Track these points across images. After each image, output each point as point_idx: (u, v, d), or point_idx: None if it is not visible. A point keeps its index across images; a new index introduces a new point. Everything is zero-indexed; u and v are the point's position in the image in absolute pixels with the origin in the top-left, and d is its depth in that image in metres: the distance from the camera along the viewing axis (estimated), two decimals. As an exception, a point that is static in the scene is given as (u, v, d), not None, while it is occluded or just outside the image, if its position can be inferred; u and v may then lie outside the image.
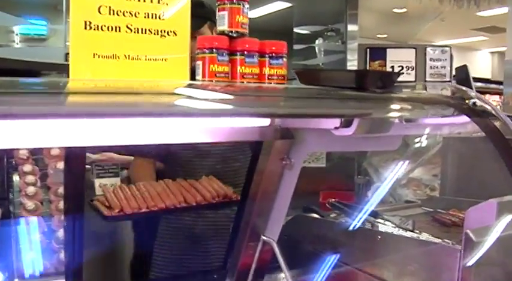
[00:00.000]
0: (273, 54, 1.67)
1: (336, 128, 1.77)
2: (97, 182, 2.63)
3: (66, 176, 2.11)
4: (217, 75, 1.56)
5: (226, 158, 2.92)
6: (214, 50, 1.55)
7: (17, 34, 6.86)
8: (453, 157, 3.01)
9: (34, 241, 2.57)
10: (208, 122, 1.78)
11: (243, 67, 1.61)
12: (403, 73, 2.09)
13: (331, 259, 2.40)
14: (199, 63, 1.57)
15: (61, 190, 2.83)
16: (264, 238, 2.49)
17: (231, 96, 1.56)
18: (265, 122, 1.88)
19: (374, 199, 2.83)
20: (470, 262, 1.63)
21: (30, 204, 2.67)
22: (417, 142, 3.99)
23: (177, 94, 1.50)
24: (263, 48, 1.67)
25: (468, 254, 1.62)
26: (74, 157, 1.96)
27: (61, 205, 2.70)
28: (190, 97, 1.47)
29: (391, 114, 1.75)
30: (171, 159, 2.94)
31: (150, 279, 2.95)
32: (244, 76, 1.62)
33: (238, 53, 1.61)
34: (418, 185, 4.05)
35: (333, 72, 2.15)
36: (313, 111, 1.73)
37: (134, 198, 2.49)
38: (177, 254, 2.94)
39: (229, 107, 1.56)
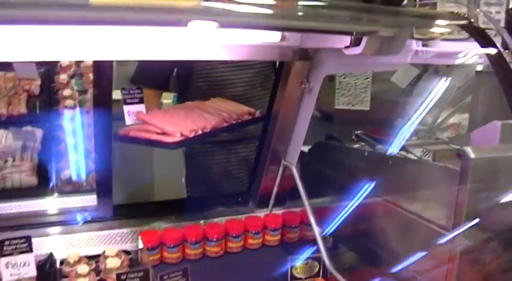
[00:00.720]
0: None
1: (347, 47, 1.81)
2: (125, 109, 2.28)
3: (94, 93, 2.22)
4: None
5: (253, 86, 3.00)
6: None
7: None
8: (483, 93, 2.95)
9: (72, 161, 2.77)
10: (227, 36, 1.86)
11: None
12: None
13: (350, 186, 2.46)
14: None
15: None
16: (284, 162, 2.58)
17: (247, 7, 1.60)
18: (277, 37, 1.93)
19: (402, 135, 2.84)
20: (467, 180, 1.63)
21: (69, 127, 2.86)
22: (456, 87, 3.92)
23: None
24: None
25: (465, 172, 1.62)
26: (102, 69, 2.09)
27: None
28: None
29: (398, 30, 1.75)
30: (193, 91, 3.03)
31: (181, 198, 3.12)
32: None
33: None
34: (457, 128, 4.00)
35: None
36: (324, 25, 1.76)
37: (185, 121, 2.34)
38: (208, 179, 3.09)
39: (247, 19, 1.61)
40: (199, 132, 2.28)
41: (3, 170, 2.65)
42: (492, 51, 1.85)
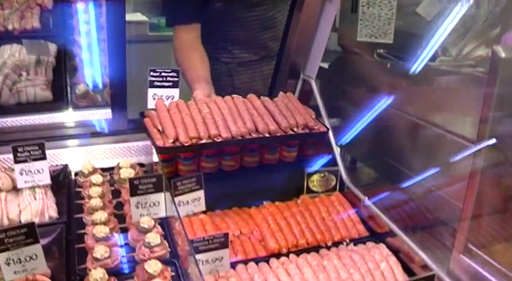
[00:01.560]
0: None
1: None
2: (151, 92, 2.08)
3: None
4: None
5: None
6: None
7: None
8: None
9: (88, 75, 2.72)
10: None
11: None
12: None
13: (370, 101, 2.37)
14: None
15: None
16: (303, 76, 2.49)
17: None
18: None
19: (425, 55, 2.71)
20: (496, 82, 1.53)
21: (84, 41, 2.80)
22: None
23: None
24: None
25: (494, 72, 1.51)
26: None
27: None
28: None
29: None
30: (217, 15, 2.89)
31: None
32: None
33: None
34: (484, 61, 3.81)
35: None
36: None
37: (198, 124, 2.12)
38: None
39: None
40: (204, 140, 2.06)
41: (18, 83, 2.61)
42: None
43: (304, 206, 2.04)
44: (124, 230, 1.93)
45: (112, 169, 2.31)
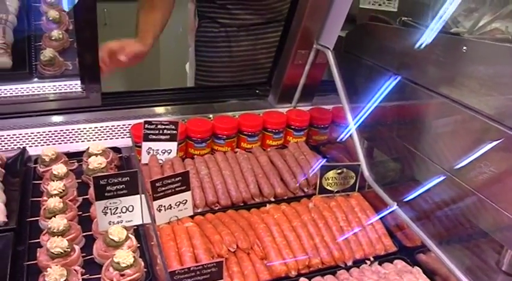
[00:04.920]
0: None
1: None
2: (145, 146, 1.83)
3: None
4: None
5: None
6: None
7: None
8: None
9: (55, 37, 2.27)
10: None
11: None
12: None
13: (396, 79, 1.94)
14: None
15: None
16: (316, 45, 2.04)
17: None
18: None
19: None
20: None
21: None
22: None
23: None
24: None
25: None
26: None
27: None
28: None
29: None
30: None
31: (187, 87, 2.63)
32: None
33: None
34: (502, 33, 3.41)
35: None
36: None
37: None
38: (226, 71, 2.57)
39: None
40: (200, 209, 1.71)
41: (-31, 47, 2.15)
42: None
43: (317, 212, 1.63)
44: (90, 240, 1.52)
45: (82, 153, 1.89)
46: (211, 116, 2.07)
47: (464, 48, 1.74)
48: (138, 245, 1.48)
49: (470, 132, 1.71)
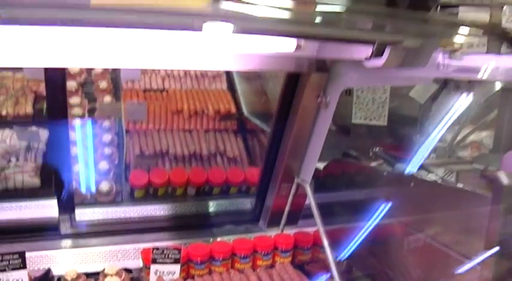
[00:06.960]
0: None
1: (367, 59, 1.66)
2: (153, 268, 2.12)
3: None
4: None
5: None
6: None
7: None
8: (510, 110, 2.74)
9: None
10: (240, 45, 1.71)
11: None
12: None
13: (367, 207, 2.30)
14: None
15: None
16: (297, 180, 2.43)
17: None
18: (292, 46, 1.77)
19: (422, 153, 2.68)
20: (499, 207, 1.49)
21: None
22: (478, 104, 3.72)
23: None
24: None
25: (497, 198, 1.47)
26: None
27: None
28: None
29: (425, 40, 1.58)
30: None
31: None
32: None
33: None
34: (478, 147, 3.81)
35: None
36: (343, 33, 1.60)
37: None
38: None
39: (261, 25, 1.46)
40: None
41: (6, 170, 2.57)
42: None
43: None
44: None
45: (98, 273, 2.20)
46: (211, 239, 2.43)
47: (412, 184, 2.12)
48: None
49: (427, 257, 2.04)
